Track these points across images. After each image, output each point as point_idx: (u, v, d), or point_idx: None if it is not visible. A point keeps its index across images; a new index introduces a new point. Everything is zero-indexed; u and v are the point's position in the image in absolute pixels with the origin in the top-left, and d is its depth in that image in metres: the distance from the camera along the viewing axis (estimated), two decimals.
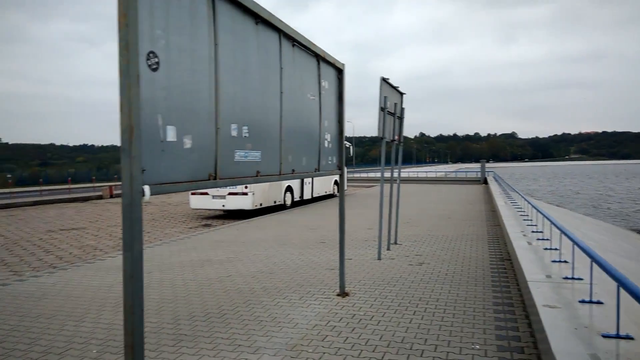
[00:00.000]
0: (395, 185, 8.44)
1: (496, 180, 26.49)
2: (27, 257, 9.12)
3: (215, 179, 2.89)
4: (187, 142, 2.60)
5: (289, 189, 17.06)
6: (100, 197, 24.76)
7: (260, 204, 15.13)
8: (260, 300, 5.34)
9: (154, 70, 2.32)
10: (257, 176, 3.44)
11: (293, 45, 4.02)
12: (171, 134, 2.46)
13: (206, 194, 14.79)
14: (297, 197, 17.84)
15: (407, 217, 12.38)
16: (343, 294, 5.47)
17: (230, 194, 14.61)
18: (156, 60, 2.33)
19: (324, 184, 20.22)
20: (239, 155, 3.16)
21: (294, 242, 9.30)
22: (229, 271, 6.84)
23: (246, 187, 14.29)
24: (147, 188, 2.24)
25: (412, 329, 4.39)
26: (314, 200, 19.36)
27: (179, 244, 9.29)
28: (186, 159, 2.60)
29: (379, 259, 7.44)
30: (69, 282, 6.41)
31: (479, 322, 4.56)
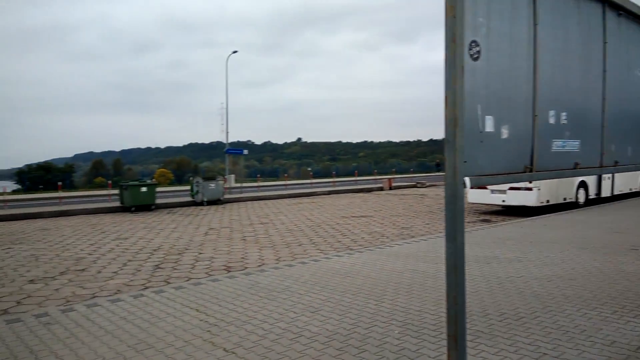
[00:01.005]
0: None
1: None
2: (329, 238, 10.64)
3: (531, 171, 2.68)
4: (504, 132, 2.48)
5: (583, 184, 14.91)
6: (381, 189, 27.12)
7: (547, 201, 13.70)
8: (563, 309, 4.77)
9: (475, 59, 2.28)
10: (575, 168, 3.04)
11: (619, 15, 3.39)
12: (489, 124, 2.38)
13: (485, 188, 14.27)
14: (592, 195, 15.45)
15: None
16: None
17: (511, 188, 13.68)
18: (477, 49, 2.28)
19: (628, 179, 16.90)
20: (556, 144, 2.85)
21: (595, 246, 8.05)
22: (519, 271, 6.40)
23: (530, 182, 13.15)
24: (467, 180, 2.22)
25: None
26: (614, 198, 16.43)
27: None
28: (503, 149, 2.48)
29: None
30: (365, 263, 7.14)
31: None
